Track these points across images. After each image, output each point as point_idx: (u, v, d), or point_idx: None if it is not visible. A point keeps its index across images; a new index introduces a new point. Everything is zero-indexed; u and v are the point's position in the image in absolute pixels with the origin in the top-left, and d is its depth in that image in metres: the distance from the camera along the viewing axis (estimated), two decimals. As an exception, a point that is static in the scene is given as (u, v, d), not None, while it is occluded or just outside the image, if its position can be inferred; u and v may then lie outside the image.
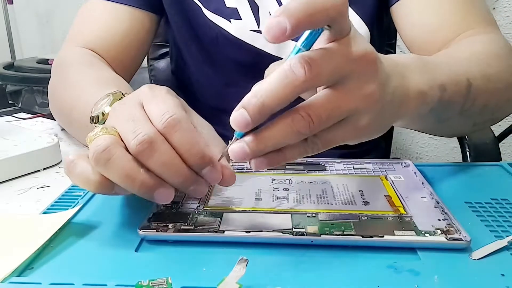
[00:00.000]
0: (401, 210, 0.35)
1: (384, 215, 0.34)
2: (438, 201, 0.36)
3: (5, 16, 2.11)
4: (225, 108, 0.61)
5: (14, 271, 0.29)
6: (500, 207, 0.37)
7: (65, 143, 0.58)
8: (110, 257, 0.31)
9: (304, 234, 0.31)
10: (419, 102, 0.34)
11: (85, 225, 0.35)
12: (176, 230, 0.32)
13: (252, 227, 0.32)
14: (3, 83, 1.76)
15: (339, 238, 0.31)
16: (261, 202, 0.37)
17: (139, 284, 0.26)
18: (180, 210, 0.35)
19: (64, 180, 0.46)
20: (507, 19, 1.27)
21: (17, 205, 0.42)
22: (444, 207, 0.35)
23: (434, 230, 0.32)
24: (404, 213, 0.35)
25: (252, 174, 0.42)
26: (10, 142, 0.51)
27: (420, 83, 0.34)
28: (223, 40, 0.58)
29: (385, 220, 0.34)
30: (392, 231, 0.32)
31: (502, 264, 0.29)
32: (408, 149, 1.48)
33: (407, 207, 0.36)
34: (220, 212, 0.35)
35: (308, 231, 0.32)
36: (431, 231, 0.32)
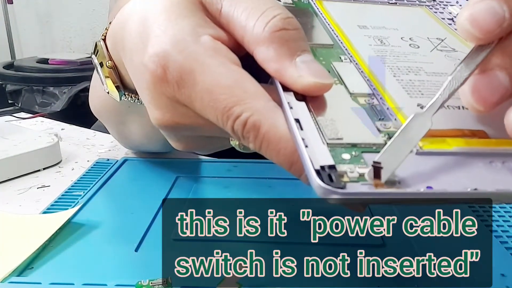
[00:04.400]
0: None
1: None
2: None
3: (5, 16, 2.11)
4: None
5: (14, 271, 0.29)
6: (500, 207, 0.37)
7: (65, 143, 0.58)
8: (110, 257, 0.31)
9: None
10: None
11: (85, 225, 0.35)
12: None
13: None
14: (3, 83, 1.76)
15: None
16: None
17: (139, 284, 0.26)
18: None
19: (64, 180, 0.46)
20: (507, 19, 1.27)
21: (17, 205, 0.42)
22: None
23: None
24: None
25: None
26: (10, 141, 0.51)
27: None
28: None
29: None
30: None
31: (502, 264, 0.29)
32: (408, 149, 1.48)
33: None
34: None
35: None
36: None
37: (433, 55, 0.25)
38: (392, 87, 0.21)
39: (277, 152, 0.19)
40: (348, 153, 0.18)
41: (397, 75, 0.22)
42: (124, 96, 0.31)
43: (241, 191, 0.42)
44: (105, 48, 0.30)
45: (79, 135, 0.61)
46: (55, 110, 1.66)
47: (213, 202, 0.40)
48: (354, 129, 0.19)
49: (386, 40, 0.26)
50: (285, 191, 0.41)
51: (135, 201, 0.40)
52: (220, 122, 0.20)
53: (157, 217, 0.36)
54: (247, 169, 0.45)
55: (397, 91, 0.21)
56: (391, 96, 0.21)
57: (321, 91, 0.20)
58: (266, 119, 0.19)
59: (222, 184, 0.43)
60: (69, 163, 0.51)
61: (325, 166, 0.16)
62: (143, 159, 0.50)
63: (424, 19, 0.29)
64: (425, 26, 0.28)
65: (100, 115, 0.45)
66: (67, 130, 0.64)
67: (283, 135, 0.19)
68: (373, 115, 0.20)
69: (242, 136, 0.20)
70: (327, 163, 0.17)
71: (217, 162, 0.48)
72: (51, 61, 1.83)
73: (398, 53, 0.24)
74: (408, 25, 0.28)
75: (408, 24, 0.28)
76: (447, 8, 0.31)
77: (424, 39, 0.26)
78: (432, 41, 0.26)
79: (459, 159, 0.17)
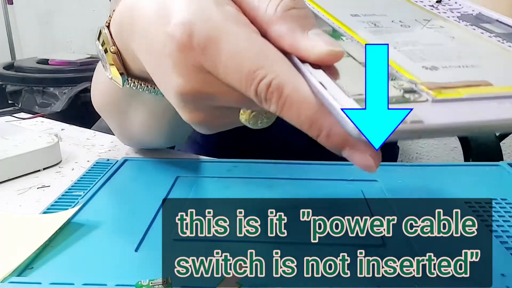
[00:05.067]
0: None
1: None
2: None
3: (5, 16, 2.11)
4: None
5: (14, 271, 0.29)
6: (500, 207, 0.37)
7: (65, 143, 0.58)
8: (110, 257, 0.31)
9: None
10: None
11: (85, 225, 0.35)
12: None
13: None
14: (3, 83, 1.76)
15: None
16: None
17: (139, 284, 0.26)
18: None
19: (64, 180, 0.46)
20: (507, 19, 1.27)
21: (17, 205, 0.42)
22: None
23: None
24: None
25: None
26: (10, 142, 0.51)
27: None
28: None
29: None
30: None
31: (502, 264, 0.29)
32: (408, 149, 1.48)
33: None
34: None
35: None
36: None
37: (425, 31, 0.28)
38: (396, 56, 0.24)
39: (299, 112, 0.21)
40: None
41: (397, 47, 0.25)
42: (127, 82, 0.32)
43: (241, 191, 0.42)
44: (109, 35, 0.31)
45: (79, 135, 0.61)
46: (55, 111, 1.66)
47: (213, 202, 0.40)
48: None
49: (378, 23, 0.28)
50: (285, 191, 0.41)
51: (135, 201, 0.40)
52: (244, 86, 0.21)
53: (157, 217, 0.36)
54: (247, 169, 0.45)
55: (401, 59, 0.24)
56: (396, 62, 0.23)
57: (335, 59, 0.21)
58: (289, 82, 0.20)
59: (222, 184, 0.43)
60: (69, 163, 0.51)
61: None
62: (143, 159, 0.50)
63: (407, 6, 0.33)
64: (410, 11, 0.31)
65: (102, 109, 0.46)
66: (67, 130, 0.64)
67: (306, 96, 0.20)
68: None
69: (265, 99, 0.21)
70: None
71: (217, 162, 0.48)
72: (51, 62, 1.83)
73: (392, 31, 0.27)
74: (395, 12, 0.31)
75: (394, 11, 0.31)
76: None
77: (412, 20, 0.29)
78: (420, 22, 0.29)
79: (471, 103, 0.20)
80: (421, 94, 0.21)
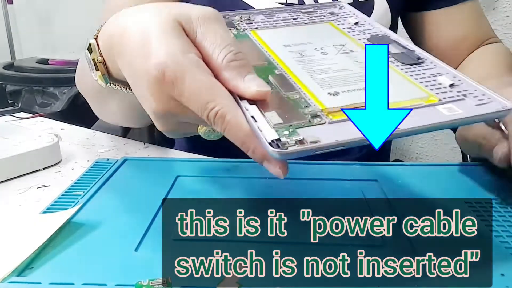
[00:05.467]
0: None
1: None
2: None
3: (5, 16, 2.11)
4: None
5: (14, 270, 0.29)
6: (500, 207, 0.37)
7: (65, 142, 0.58)
8: (110, 257, 0.31)
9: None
10: None
11: (85, 225, 0.35)
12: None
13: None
14: (3, 83, 1.76)
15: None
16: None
17: (139, 284, 0.26)
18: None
19: (64, 180, 0.46)
20: (507, 19, 1.27)
21: (17, 204, 0.42)
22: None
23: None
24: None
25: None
26: (10, 141, 0.51)
27: None
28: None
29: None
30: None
31: (502, 264, 0.29)
32: (408, 149, 1.48)
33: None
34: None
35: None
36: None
37: (338, 57, 0.36)
38: (310, 84, 0.33)
39: (235, 134, 0.29)
40: (287, 130, 0.28)
41: (313, 76, 0.34)
42: (109, 84, 0.38)
43: (241, 191, 0.42)
44: (96, 46, 0.37)
45: (79, 135, 0.61)
46: (55, 111, 1.66)
47: (213, 202, 0.40)
48: (289, 115, 0.29)
49: (304, 52, 0.37)
50: (285, 191, 0.41)
51: (135, 201, 0.40)
52: (200, 112, 0.29)
53: (157, 217, 0.36)
54: (247, 169, 0.45)
55: (314, 87, 0.32)
56: (309, 90, 0.32)
57: (264, 97, 0.30)
58: (230, 112, 0.29)
59: (222, 184, 0.43)
60: (69, 163, 0.51)
61: (274, 140, 0.27)
62: (143, 159, 0.50)
63: (330, 31, 0.41)
64: (331, 36, 0.40)
65: (85, 94, 0.55)
66: (67, 130, 0.64)
67: (240, 123, 0.28)
68: (299, 104, 0.31)
69: (213, 122, 0.29)
70: (275, 137, 0.27)
71: (217, 162, 0.48)
72: (51, 62, 1.83)
73: (313, 60, 0.36)
74: (318, 38, 0.39)
75: (318, 37, 0.39)
76: (347, 19, 0.43)
77: (330, 46, 0.38)
78: (337, 47, 0.38)
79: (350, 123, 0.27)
80: (322, 118, 0.29)
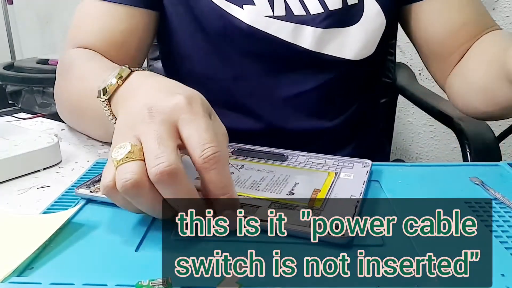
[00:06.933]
0: (317, 204, 0.36)
1: (295, 205, 0.36)
2: (359, 200, 0.37)
3: (5, 16, 2.11)
4: (231, 103, 0.61)
5: (14, 271, 0.29)
6: (500, 207, 0.37)
7: (65, 143, 0.58)
8: (110, 257, 0.31)
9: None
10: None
11: (85, 225, 0.35)
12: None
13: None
14: (3, 83, 1.76)
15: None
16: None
17: (139, 284, 0.26)
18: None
19: (64, 180, 0.46)
20: (507, 19, 1.27)
21: (17, 205, 0.42)
22: (357, 205, 0.36)
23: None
24: (318, 207, 0.36)
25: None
26: (10, 142, 0.51)
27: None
28: (232, 29, 0.56)
29: (294, 210, 0.36)
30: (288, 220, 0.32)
31: (502, 264, 0.29)
32: (408, 149, 1.48)
33: (326, 202, 0.37)
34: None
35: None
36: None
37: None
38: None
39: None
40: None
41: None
42: (106, 107, 0.42)
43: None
44: (107, 104, 0.41)
45: (79, 135, 0.61)
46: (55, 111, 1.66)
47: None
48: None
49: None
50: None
51: (135, 201, 0.40)
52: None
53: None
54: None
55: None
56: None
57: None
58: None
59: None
60: (69, 163, 0.51)
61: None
62: (143, 159, 0.50)
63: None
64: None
65: (64, 107, 0.60)
66: (67, 130, 0.64)
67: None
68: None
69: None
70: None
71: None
72: (51, 62, 1.83)
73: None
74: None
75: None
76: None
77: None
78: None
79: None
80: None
